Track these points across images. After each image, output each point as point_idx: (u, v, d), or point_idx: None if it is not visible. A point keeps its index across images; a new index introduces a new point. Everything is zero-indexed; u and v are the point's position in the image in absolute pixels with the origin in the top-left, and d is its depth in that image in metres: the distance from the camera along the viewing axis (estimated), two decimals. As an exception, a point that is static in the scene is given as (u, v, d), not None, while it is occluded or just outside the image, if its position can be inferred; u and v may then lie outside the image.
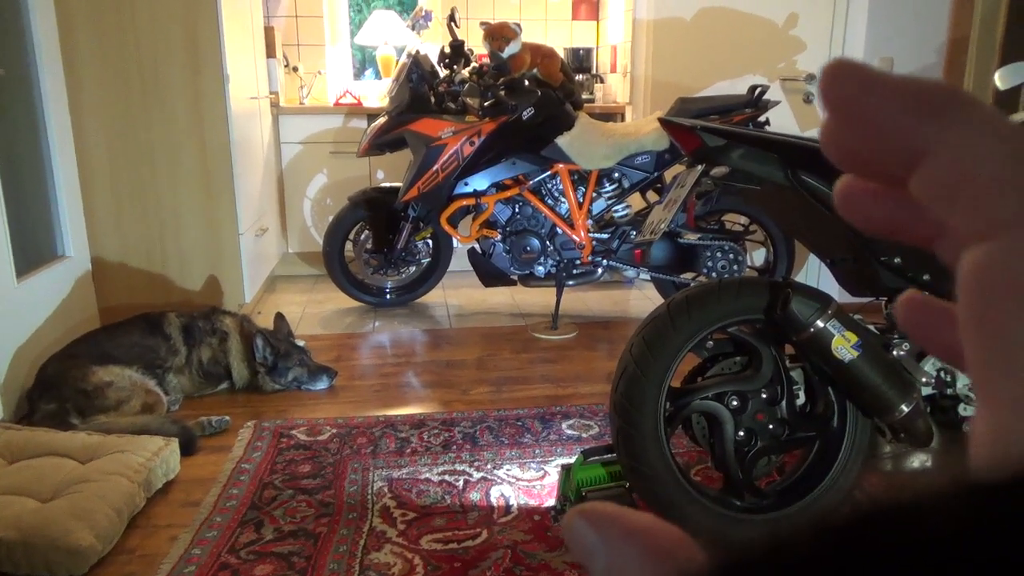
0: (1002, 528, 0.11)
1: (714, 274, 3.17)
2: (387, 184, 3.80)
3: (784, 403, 1.66)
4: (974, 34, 3.47)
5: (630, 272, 3.35)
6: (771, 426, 1.65)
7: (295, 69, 4.38)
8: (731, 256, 3.16)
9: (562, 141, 3.21)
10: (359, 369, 2.95)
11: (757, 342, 1.65)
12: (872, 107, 0.17)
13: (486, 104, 3.21)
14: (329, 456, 2.20)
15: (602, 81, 4.48)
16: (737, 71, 3.74)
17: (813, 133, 3.80)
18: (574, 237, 3.27)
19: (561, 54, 3.59)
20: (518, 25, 3.30)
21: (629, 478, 1.71)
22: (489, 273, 3.40)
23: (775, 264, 3.37)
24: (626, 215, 3.32)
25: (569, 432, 2.37)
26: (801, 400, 1.71)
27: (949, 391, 1.66)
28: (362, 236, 3.59)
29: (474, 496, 1.99)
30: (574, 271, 3.34)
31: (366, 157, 3.79)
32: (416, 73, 3.31)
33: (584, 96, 4.11)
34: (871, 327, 1.66)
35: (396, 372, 2.91)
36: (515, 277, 3.39)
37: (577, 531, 0.18)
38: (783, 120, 3.68)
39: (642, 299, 3.91)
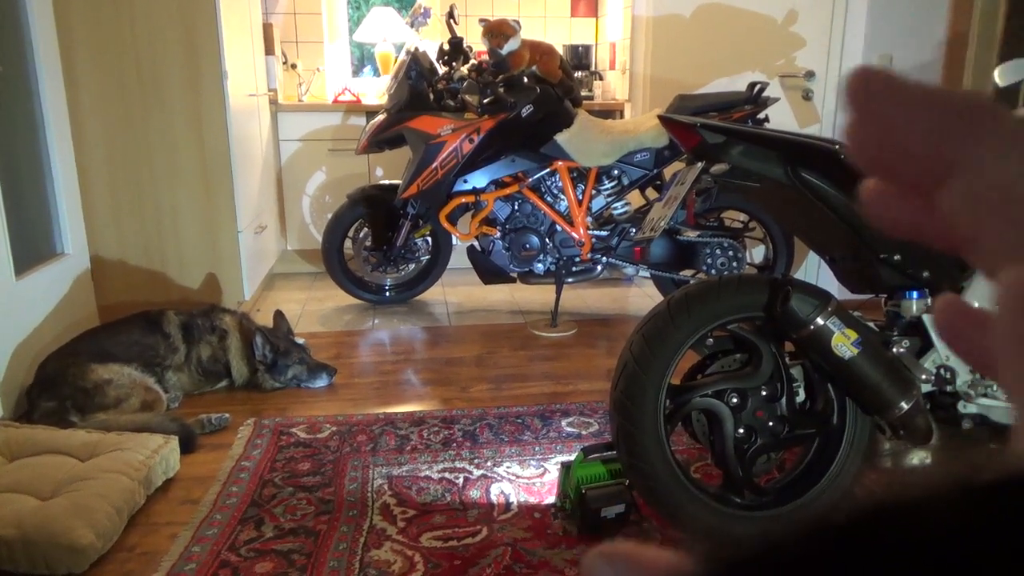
0: (1003, 526, 0.11)
1: (714, 271, 3.17)
2: (386, 181, 3.79)
3: (784, 400, 1.66)
4: (973, 30, 3.46)
5: (629, 269, 3.35)
6: (771, 423, 1.66)
7: (294, 66, 4.38)
8: (731, 253, 3.16)
9: (561, 138, 3.20)
10: (358, 367, 2.95)
11: (757, 339, 1.66)
12: (900, 117, 0.17)
13: (485, 101, 3.21)
14: (329, 454, 2.20)
15: (601, 78, 4.48)
16: (736, 68, 3.73)
17: (812, 130, 3.80)
18: (573, 234, 3.27)
19: (560, 51, 3.58)
20: (517, 22, 3.30)
21: (629, 475, 1.71)
22: (488, 270, 3.40)
23: (775, 261, 3.37)
24: (625, 212, 3.32)
25: (569, 429, 2.37)
26: (801, 397, 1.71)
27: (949, 388, 1.66)
28: (361, 233, 3.59)
29: (474, 494, 1.99)
30: (573, 268, 3.34)
31: (365, 154, 3.79)
32: (415, 70, 3.30)
33: (583, 93, 4.11)
34: (871, 324, 1.66)
35: (395, 370, 2.91)
36: (514, 274, 3.38)
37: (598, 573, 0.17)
38: (782, 117, 3.68)
39: (641, 296, 3.91)
